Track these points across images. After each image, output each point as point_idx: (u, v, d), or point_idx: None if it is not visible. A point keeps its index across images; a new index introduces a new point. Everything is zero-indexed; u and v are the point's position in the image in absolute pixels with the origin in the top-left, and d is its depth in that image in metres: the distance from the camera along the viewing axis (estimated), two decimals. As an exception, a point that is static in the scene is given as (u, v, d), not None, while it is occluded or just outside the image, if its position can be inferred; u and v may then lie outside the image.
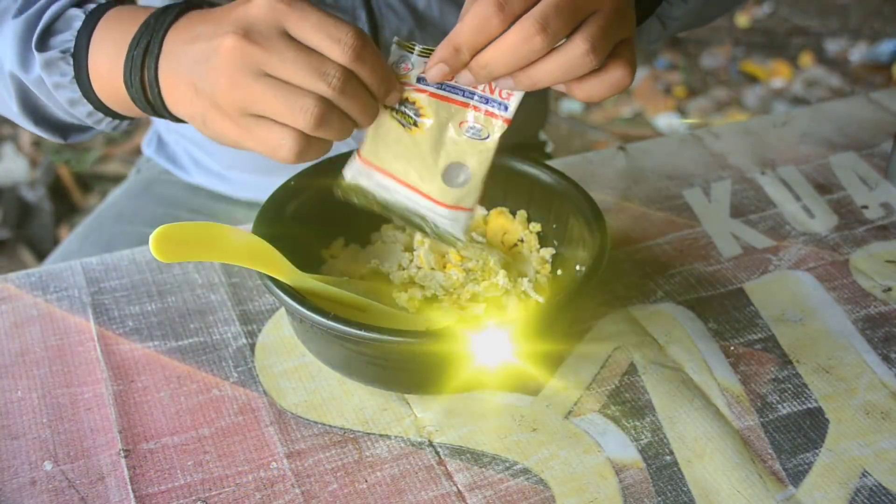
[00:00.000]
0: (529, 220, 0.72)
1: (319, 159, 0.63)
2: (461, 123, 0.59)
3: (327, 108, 0.54)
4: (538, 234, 0.72)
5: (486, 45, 0.54)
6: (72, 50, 0.63)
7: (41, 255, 1.90)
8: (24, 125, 0.70)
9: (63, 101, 0.65)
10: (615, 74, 0.55)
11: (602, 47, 0.54)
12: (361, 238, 0.73)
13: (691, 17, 0.76)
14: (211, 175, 0.98)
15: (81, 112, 0.66)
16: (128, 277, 0.74)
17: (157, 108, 0.61)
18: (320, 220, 0.70)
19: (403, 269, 0.69)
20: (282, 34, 0.53)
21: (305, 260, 0.65)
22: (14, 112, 0.69)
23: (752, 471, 0.59)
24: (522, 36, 0.52)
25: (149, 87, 0.60)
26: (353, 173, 0.61)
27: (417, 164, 0.59)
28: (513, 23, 0.53)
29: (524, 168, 0.71)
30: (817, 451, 0.61)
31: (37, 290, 0.72)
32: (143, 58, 0.59)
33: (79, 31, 0.63)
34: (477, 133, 0.59)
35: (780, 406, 0.64)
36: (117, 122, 0.67)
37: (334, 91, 0.53)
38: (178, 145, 1.00)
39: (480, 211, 0.73)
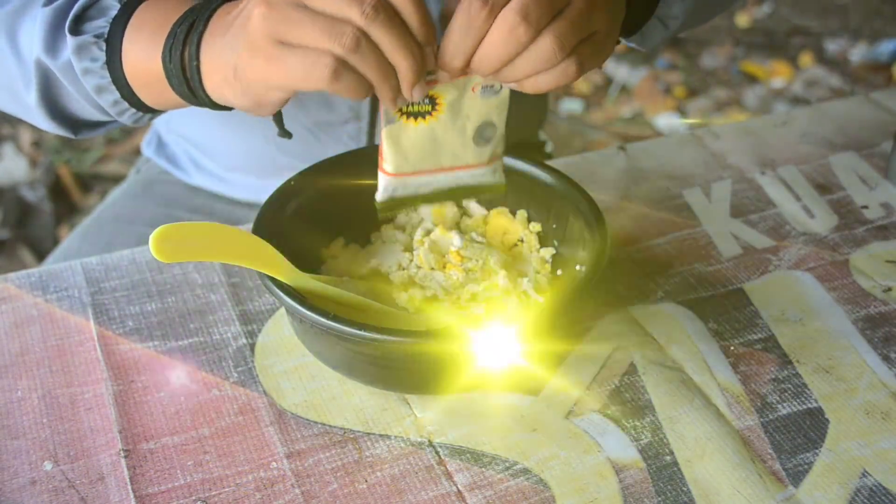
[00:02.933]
0: (529, 220, 0.72)
1: (323, 158, 0.63)
2: (473, 88, 0.60)
3: (362, 37, 0.53)
4: (538, 234, 0.72)
5: (475, 46, 0.55)
6: (105, 35, 0.63)
7: (41, 255, 1.90)
8: (36, 119, 0.70)
9: (90, 87, 0.65)
10: (565, 67, 0.56)
11: (569, 44, 0.55)
12: (361, 238, 0.73)
13: (691, 15, 0.76)
14: (211, 177, 0.98)
15: (107, 100, 0.66)
16: (128, 277, 0.74)
17: (194, 84, 0.61)
18: (320, 220, 0.70)
19: (403, 269, 0.69)
20: None
21: (305, 260, 0.65)
22: (30, 105, 0.68)
23: (752, 471, 0.59)
24: (506, 28, 0.53)
25: (188, 61, 0.60)
26: (386, 191, 0.62)
27: (447, 146, 0.61)
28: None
29: (524, 168, 0.71)
30: (817, 451, 0.61)
31: (37, 290, 0.72)
32: (187, 35, 0.60)
33: (114, 19, 0.63)
34: (490, 90, 0.60)
35: (780, 406, 0.64)
36: (139, 114, 0.67)
37: (368, 20, 0.53)
38: (177, 146, 1.00)
39: (480, 211, 0.73)
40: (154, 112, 0.68)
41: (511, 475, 0.59)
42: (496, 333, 0.59)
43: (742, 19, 2.83)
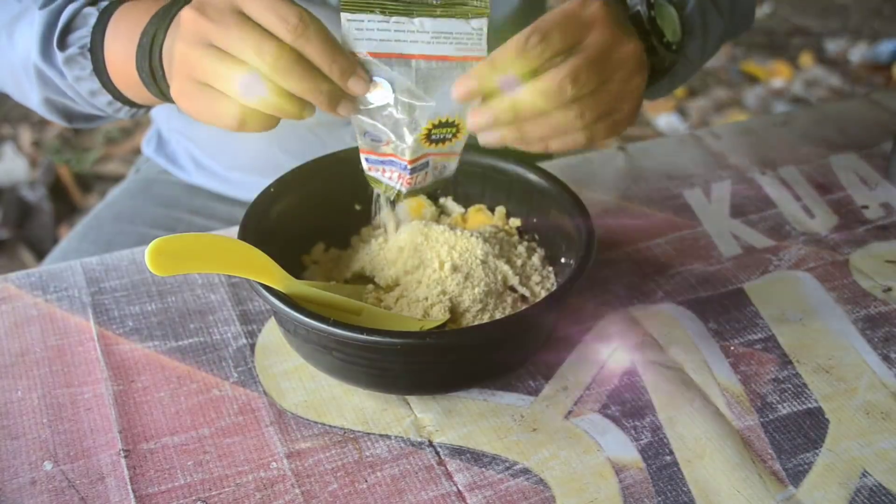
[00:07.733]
0: (508, 215, 0.73)
1: (305, 161, 0.67)
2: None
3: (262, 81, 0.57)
4: (518, 228, 0.72)
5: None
6: (89, 45, 0.68)
7: (41, 255, 1.90)
8: (40, 112, 0.76)
9: (84, 92, 0.70)
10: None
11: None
12: (341, 242, 0.73)
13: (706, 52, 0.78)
14: (211, 176, 0.98)
15: (102, 102, 0.71)
16: (128, 277, 0.74)
17: (165, 91, 0.65)
18: (300, 226, 0.70)
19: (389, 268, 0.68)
20: (234, 11, 0.57)
21: (287, 267, 0.64)
22: (35, 102, 0.75)
23: (752, 471, 0.59)
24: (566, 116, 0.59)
25: (155, 71, 0.65)
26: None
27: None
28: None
29: (502, 166, 0.71)
30: (817, 451, 0.61)
31: (37, 290, 0.72)
32: (150, 46, 0.64)
33: (94, 28, 0.68)
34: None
35: (780, 406, 0.64)
36: (135, 109, 0.73)
37: (269, 68, 0.56)
38: (178, 144, 1.00)
39: (458, 209, 0.74)
40: (150, 106, 0.74)
41: (511, 475, 0.59)
42: (486, 332, 0.59)
43: (742, 19, 2.83)
